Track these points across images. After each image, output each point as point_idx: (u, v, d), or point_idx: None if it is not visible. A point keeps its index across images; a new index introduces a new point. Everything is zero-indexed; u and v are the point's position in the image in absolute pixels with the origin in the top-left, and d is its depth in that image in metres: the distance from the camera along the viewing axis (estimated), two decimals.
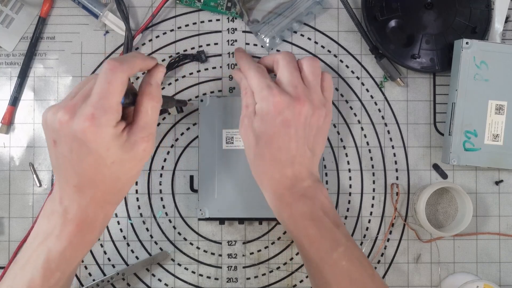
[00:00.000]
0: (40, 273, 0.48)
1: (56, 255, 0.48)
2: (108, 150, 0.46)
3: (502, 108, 0.64)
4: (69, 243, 0.49)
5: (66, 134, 0.46)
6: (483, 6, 0.66)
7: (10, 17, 0.67)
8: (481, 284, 0.63)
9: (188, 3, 0.67)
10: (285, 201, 0.55)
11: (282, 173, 0.55)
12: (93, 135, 0.45)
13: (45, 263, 0.48)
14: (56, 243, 0.48)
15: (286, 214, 0.55)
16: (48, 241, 0.49)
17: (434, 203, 0.67)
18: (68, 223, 0.49)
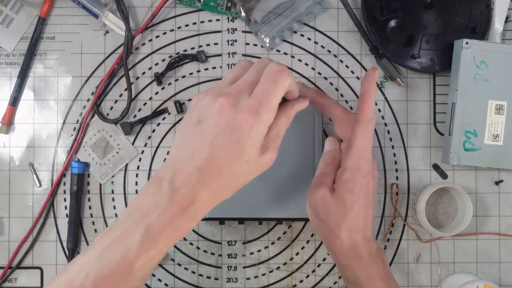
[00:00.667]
0: (137, 246, 0.46)
1: (156, 231, 0.46)
2: (253, 147, 0.46)
3: (502, 108, 0.64)
4: (170, 223, 0.47)
5: (221, 119, 0.46)
6: (483, 6, 0.66)
7: (10, 17, 0.67)
8: (481, 284, 0.63)
9: (188, 3, 0.67)
10: (364, 262, 0.56)
11: (359, 235, 0.56)
12: (249, 127, 0.45)
13: (144, 238, 0.46)
14: (158, 220, 0.46)
15: (364, 275, 0.56)
16: (149, 217, 0.47)
17: (434, 203, 0.67)
18: (174, 203, 0.46)
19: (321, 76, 0.68)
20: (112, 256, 0.46)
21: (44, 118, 0.67)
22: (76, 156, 0.67)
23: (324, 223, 0.56)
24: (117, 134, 0.67)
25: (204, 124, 0.46)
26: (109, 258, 0.46)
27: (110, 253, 0.47)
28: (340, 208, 0.55)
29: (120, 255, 0.46)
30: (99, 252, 0.47)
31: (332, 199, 0.55)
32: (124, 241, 0.47)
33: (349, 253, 0.56)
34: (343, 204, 0.55)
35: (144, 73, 0.68)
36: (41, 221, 0.66)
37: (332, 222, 0.55)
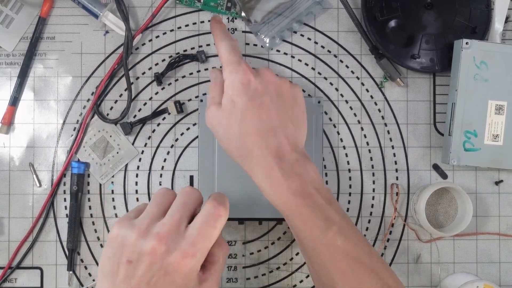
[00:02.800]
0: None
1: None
2: (187, 286, 0.46)
3: (502, 108, 0.64)
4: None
5: (155, 263, 0.45)
6: (483, 6, 0.66)
7: (10, 17, 0.67)
8: (481, 284, 0.63)
9: (188, 3, 0.67)
10: (274, 178, 0.52)
11: (268, 146, 0.53)
12: (184, 270, 0.45)
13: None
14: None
15: (276, 194, 0.52)
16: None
17: (434, 203, 0.67)
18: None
19: (321, 76, 0.68)
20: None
21: (44, 118, 0.67)
22: (76, 156, 0.67)
23: (226, 139, 0.55)
24: (117, 134, 0.67)
25: (135, 265, 0.45)
26: None
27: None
28: (229, 118, 0.54)
29: None
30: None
31: (220, 112, 0.55)
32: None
33: (257, 171, 0.53)
34: (230, 112, 0.54)
35: (144, 73, 0.68)
36: (41, 221, 0.66)
37: (230, 134, 0.54)
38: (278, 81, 0.57)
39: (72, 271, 0.66)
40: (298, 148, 0.55)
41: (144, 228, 0.46)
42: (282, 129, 0.54)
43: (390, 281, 0.53)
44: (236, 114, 0.54)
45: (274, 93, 0.56)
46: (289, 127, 0.55)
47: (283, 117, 0.55)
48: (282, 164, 0.53)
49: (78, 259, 0.67)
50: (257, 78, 0.55)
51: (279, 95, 0.56)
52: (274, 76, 0.56)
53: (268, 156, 0.53)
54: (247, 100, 0.54)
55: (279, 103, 0.55)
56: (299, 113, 0.57)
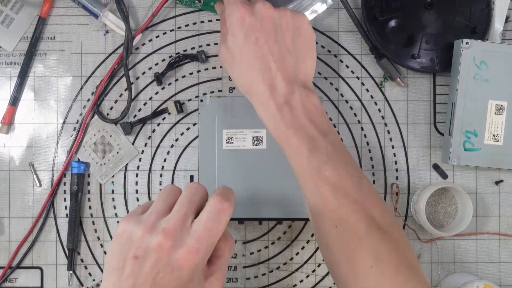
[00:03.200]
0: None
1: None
2: (193, 281, 0.46)
3: (502, 108, 0.64)
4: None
5: (161, 258, 0.45)
6: (483, 6, 0.66)
7: (10, 17, 0.67)
8: (481, 284, 0.63)
9: (188, 3, 0.67)
10: (270, 111, 0.54)
11: (264, 82, 0.54)
12: (190, 266, 0.45)
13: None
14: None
15: (272, 125, 0.54)
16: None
17: (434, 203, 0.67)
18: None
19: (321, 76, 0.68)
20: None
21: (44, 118, 0.67)
22: (76, 156, 0.67)
23: (232, 77, 0.57)
24: (117, 134, 0.67)
25: (142, 260, 0.45)
26: None
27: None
28: (231, 55, 0.56)
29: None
30: None
31: (227, 50, 0.57)
32: None
33: (257, 106, 0.55)
34: (231, 50, 0.56)
35: (144, 73, 0.68)
36: (41, 221, 0.66)
37: (233, 72, 0.56)
38: (276, 14, 0.56)
39: (72, 271, 0.66)
40: (297, 80, 0.55)
41: (150, 224, 0.46)
42: (278, 63, 0.55)
43: (376, 214, 0.52)
44: (236, 52, 0.56)
45: (271, 27, 0.55)
46: (286, 60, 0.55)
47: (280, 50, 0.55)
48: (276, 97, 0.54)
49: (78, 259, 0.67)
50: (252, 15, 0.55)
51: (277, 29, 0.56)
52: (270, 10, 0.56)
53: (264, 91, 0.54)
54: (243, 38, 0.55)
55: (276, 37, 0.55)
56: (302, 44, 0.57)
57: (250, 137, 0.65)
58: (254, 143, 0.65)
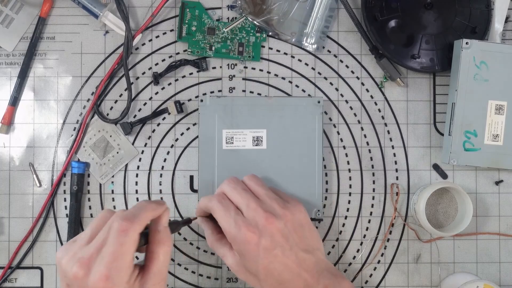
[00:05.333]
0: None
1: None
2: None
3: (502, 108, 0.64)
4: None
5: (81, 286, 0.48)
6: (483, 6, 0.66)
7: (10, 17, 0.67)
8: (481, 284, 0.63)
9: (199, 53, 0.67)
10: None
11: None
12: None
13: None
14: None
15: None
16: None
17: (434, 203, 0.67)
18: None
19: (321, 76, 0.68)
20: None
21: (44, 118, 0.67)
22: (76, 156, 0.67)
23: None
24: (117, 134, 0.67)
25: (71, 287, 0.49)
26: None
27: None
28: (253, 277, 0.56)
29: None
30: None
31: (246, 270, 0.56)
32: None
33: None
34: (250, 271, 0.55)
35: (144, 73, 0.68)
36: (41, 221, 0.66)
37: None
38: (281, 223, 0.55)
39: None
40: (324, 272, 0.56)
41: (72, 254, 0.49)
42: (302, 268, 0.55)
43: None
44: (258, 272, 0.55)
45: (282, 239, 0.55)
46: (306, 259, 0.55)
47: (298, 254, 0.55)
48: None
49: None
50: (262, 237, 0.54)
51: (286, 237, 0.55)
52: (275, 222, 0.55)
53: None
54: (262, 259, 0.54)
55: (290, 244, 0.55)
56: (309, 235, 0.57)
57: (250, 137, 0.65)
58: (254, 143, 0.65)
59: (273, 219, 0.55)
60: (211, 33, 0.67)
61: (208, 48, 0.67)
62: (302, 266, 0.55)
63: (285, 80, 0.68)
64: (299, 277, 0.55)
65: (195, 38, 0.67)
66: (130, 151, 0.67)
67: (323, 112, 0.66)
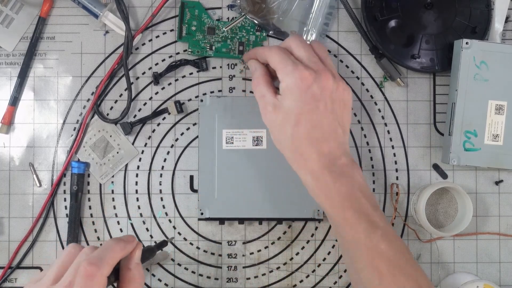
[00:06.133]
0: None
1: None
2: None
3: (502, 108, 0.64)
4: None
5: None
6: (483, 6, 0.66)
7: (10, 17, 0.67)
8: (481, 284, 0.63)
9: (200, 53, 0.67)
10: (323, 181, 0.54)
11: (319, 151, 0.54)
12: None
13: None
14: None
15: (324, 195, 0.54)
16: None
17: (434, 203, 0.67)
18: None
19: None
20: None
21: (44, 118, 0.67)
22: (76, 156, 0.67)
23: (278, 142, 0.56)
24: (117, 134, 0.67)
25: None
26: None
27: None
28: (285, 121, 0.55)
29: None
30: None
31: (275, 113, 0.55)
32: None
33: (306, 173, 0.54)
34: (287, 115, 0.54)
35: (144, 73, 0.68)
36: (41, 221, 0.66)
37: (282, 138, 0.55)
38: (334, 86, 0.56)
39: None
40: (347, 153, 0.56)
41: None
42: (333, 135, 0.55)
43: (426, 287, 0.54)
44: (290, 117, 0.54)
45: (329, 98, 0.55)
46: (338, 132, 0.55)
47: (334, 122, 0.55)
48: (332, 168, 0.54)
49: None
50: (315, 82, 0.54)
51: (333, 100, 0.55)
52: (332, 80, 0.55)
53: (319, 161, 0.54)
54: (303, 105, 0.54)
55: (332, 108, 0.55)
56: (347, 117, 0.57)
57: (250, 137, 0.65)
58: (254, 143, 0.65)
59: (330, 78, 0.55)
60: (211, 33, 0.67)
61: (208, 48, 0.67)
62: (334, 133, 0.55)
63: None
64: (328, 140, 0.54)
65: (195, 38, 0.67)
66: (130, 151, 0.67)
67: None
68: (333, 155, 0.54)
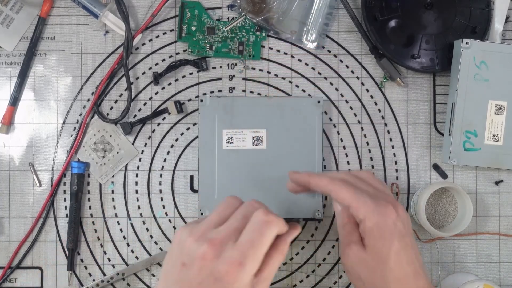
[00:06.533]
0: None
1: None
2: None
3: (502, 108, 0.64)
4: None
5: (205, 267, 0.46)
6: (483, 6, 0.66)
7: (10, 17, 0.67)
8: (481, 284, 0.63)
9: (200, 52, 0.67)
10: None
11: (417, 285, 0.53)
12: (234, 280, 0.45)
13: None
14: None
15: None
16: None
17: (434, 203, 0.67)
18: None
19: (321, 76, 0.68)
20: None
21: (44, 118, 0.67)
22: (76, 156, 0.67)
23: (369, 283, 0.53)
24: (117, 134, 0.67)
25: (188, 268, 0.46)
26: None
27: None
28: (378, 261, 0.52)
29: None
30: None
31: (366, 254, 0.53)
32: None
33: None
34: (379, 255, 0.52)
35: (144, 73, 0.68)
36: (41, 221, 0.66)
37: (376, 279, 0.53)
38: (406, 214, 0.54)
39: (72, 271, 0.66)
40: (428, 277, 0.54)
41: (200, 234, 0.47)
42: (422, 267, 0.54)
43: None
44: (384, 257, 0.52)
45: (410, 229, 0.54)
46: (420, 260, 0.54)
47: (417, 250, 0.54)
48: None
49: (78, 259, 0.67)
50: (398, 216, 0.52)
51: (409, 227, 0.54)
52: (404, 211, 0.54)
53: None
54: (397, 243, 0.52)
55: (412, 237, 0.54)
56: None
57: (250, 137, 0.65)
58: (254, 143, 0.65)
59: (403, 208, 0.54)
60: (211, 33, 0.67)
61: (208, 48, 0.67)
62: (420, 262, 0.53)
63: (285, 80, 0.68)
64: (422, 275, 0.53)
65: (195, 38, 0.67)
66: (130, 151, 0.67)
67: (323, 112, 0.66)
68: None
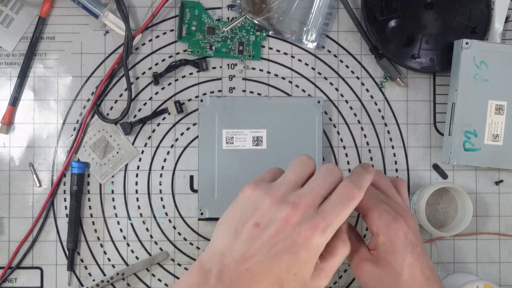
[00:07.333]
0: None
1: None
2: (306, 263, 0.45)
3: (502, 108, 0.64)
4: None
5: (284, 231, 0.45)
6: (483, 6, 0.66)
7: (10, 17, 0.67)
8: (481, 284, 0.63)
9: (200, 52, 0.67)
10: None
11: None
12: (311, 245, 0.45)
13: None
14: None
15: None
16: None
17: (434, 203, 0.67)
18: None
19: (321, 76, 0.68)
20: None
21: (44, 118, 0.67)
22: (76, 156, 0.67)
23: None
24: (117, 134, 0.67)
25: (263, 229, 0.45)
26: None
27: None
28: (391, 274, 0.52)
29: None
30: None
31: (379, 270, 0.52)
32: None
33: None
34: (392, 269, 0.52)
35: (144, 73, 0.68)
36: (41, 221, 0.66)
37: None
38: (415, 222, 0.54)
39: (72, 271, 0.66)
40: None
41: (280, 195, 0.46)
42: (433, 271, 0.53)
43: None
44: (398, 271, 0.52)
45: (420, 237, 0.54)
46: (431, 265, 0.54)
47: (427, 256, 0.54)
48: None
49: (78, 259, 0.67)
50: (409, 229, 0.52)
51: (419, 236, 0.54)
52: (412, 218, 0.54)
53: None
54: (410, 256, 0.52)
55: (422, 244, 0.54)
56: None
57: (250, 137, 0.65)
58: (254, 143, 0.65)
59: (411, 218, 0.54)
60: (211, 33, 0.67)
61: (208, 48, 0.67)
62: (432, 273, 0.53)
63: (285, 80, 0.68)
64: (430, 281, 0.52)
65: (195, 38, 0.67)
66: (130, 151, 0.67)
67: (323, 112, 0.66)
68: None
